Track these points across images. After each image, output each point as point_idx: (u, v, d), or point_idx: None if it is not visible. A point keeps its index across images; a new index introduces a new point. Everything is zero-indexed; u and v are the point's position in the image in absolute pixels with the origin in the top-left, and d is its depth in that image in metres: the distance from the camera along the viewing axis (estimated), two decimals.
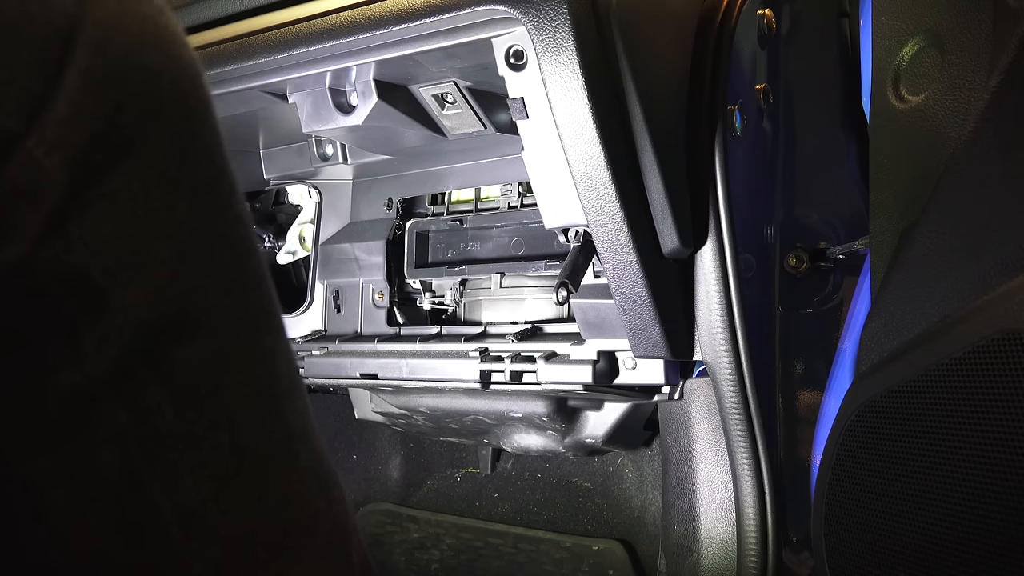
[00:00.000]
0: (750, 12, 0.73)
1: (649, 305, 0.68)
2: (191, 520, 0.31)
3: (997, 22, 0.56)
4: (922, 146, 0.61)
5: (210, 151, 0.32)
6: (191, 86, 0.31)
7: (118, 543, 0.30)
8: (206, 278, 0.31)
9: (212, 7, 0.77)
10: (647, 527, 1.18)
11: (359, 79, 0.73)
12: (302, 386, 0.36)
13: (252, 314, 0.33)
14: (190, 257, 0.30)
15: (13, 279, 0.26)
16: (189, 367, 0.31)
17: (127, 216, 0.28)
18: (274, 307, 0.35)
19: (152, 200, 0.29)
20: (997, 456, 0.47)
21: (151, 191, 0.29)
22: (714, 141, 0.69)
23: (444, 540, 1.30)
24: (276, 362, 0.35)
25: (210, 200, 0.31)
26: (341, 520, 0.38)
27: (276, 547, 0.34)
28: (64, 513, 0.30)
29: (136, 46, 0.28)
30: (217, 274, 0.32)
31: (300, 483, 0.35)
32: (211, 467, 0.32)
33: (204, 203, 0.31)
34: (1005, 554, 0.46)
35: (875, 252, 0.65)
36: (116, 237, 0.28)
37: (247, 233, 0.33)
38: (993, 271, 0.50)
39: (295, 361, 0.37)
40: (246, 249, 0.33)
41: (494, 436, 1.06)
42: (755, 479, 0.75)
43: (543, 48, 0.58)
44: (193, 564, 0.32)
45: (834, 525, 0.60)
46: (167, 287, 0.30)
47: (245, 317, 0.33)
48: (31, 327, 0.28)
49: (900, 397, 0.54)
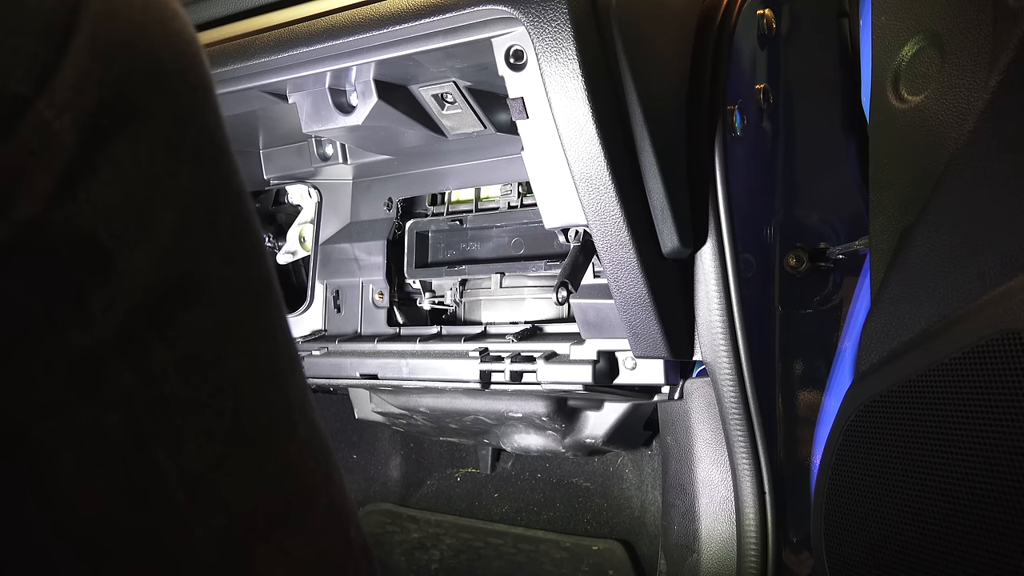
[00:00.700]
0: (750, 12, 0.73)
1: (649, 305, 0.68)
2: (196, 486, 0.32)
3: (997, 22, 0.56)
4: (922, 146, 0.61)
5: (211, 130, 0.33)
6: (192, 63, 0.32)
7: (124, 508, 0.31)
8: (208, 246, 0.32)
9: (212, 7, 0.77)
10: (647, 527, 1.18)
11: (359, 79, 0.73)
12: (300, 362, 0.37)
13: (253, 287, 0.34)
14: (193, 223, 0.31)
15: (25, 239, 0.27)
16: (193, 333, 0.31)
17: (133, 181, 0.29)
18: (274, 284, 0.36)
19: (156, 165, 0.30)
20: (997, 456, 0.47)
21: (155, 156, 0.30)
22: (714, 141, 0.69)
23: (444, 540, 1.30)
24: (276, 336, 0.36)
25: (212, 171, 0.33)
26: (339, 497, 0.38)
27: (277, 518, 0.35)
28: (73, 477, 0.30)
29: (139, 21, 0.30)
30: (219, 245, 0.33)
31: (299, 455, 0.36)
32: (214, 433, 0.32)
33: (206, 172, 0.32)
34: (1005, 554, 0.46)
35: (875, 252, 0.65)
36: (122, 201, 0.29)
37: (248, 209, 0.34)
38: (993, 271, 0.50)
39: (293, 339, 0.37)
40: (247, 224, 0.34)
41: (494, 436, 1.06)
42: (755, 479, 0.75)
43: (543, 48, 0.58)
44: (197, 531, 0.32)
45: (834, 525, 0.60)
46: (171, 251, 0.31)
47: (246, 289, 0.34)
48: (42, 288, 0.29)
49: (900, 397, 0.54)
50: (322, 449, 0.38)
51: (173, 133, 0.31)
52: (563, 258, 0.70)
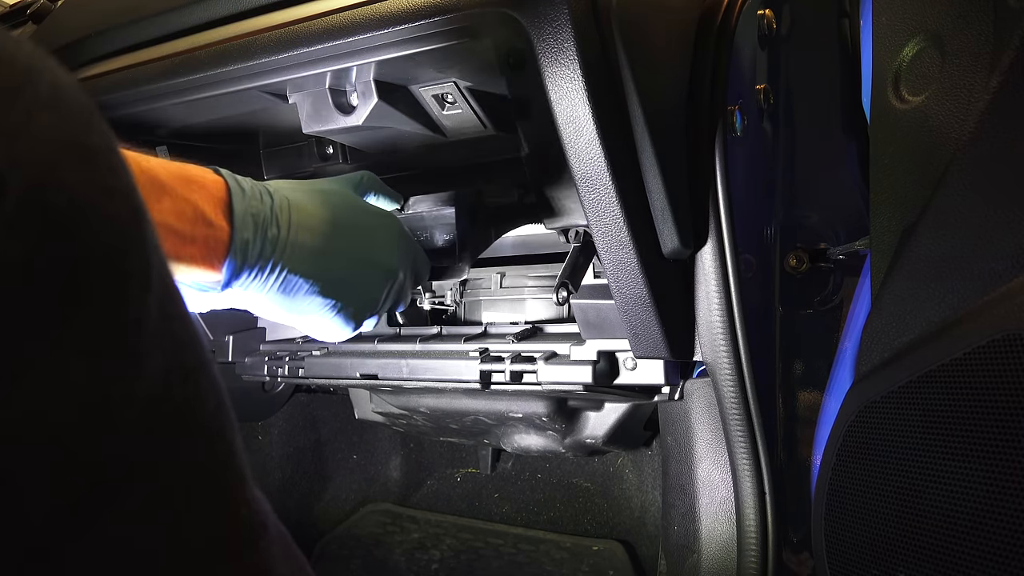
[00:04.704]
0: (750, 12, 0.73)
1: (649, 305, 0.68)
2: None
3: (997, 22, 0.56)
4: (923, 146, 0.61)
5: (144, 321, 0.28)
6: (126, 248, 0.27)
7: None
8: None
9: (212, 7, 0.76)
10: (647, 527, 1.18)
11: (359, 79, 0.73)
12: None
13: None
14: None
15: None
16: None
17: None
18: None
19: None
20: (997, 457, 0.47)
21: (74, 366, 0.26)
22: (714, 141, 0.69)
23: (444, 540, 1.30)
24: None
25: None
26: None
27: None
28: None
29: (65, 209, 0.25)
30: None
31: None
32: None
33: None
34: (1006, 555, 0.46)
35: (875, 252, 0.65)
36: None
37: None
38: (993, 271, 0.50)
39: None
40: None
41: (494, 436, 1.06)
42: (755, 479, 0.75)
43: (543, 48, 0.58)
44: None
45: (834, 525, 0.60)
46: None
47: None
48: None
49: (901, 398, 0.54)
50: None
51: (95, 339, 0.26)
52: (563, 258, 0.70)
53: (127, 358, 0.27)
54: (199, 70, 0.74)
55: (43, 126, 0.24)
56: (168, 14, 0.79)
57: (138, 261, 0.27)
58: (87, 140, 0.26)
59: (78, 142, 0.26)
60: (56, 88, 0.25)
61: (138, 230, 0.27)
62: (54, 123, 0.25)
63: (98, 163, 0.26)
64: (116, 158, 0.27)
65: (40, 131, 0.24)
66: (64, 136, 0.25)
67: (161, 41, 0.80)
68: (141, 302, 0.27)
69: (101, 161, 0.26)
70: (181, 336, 0.30)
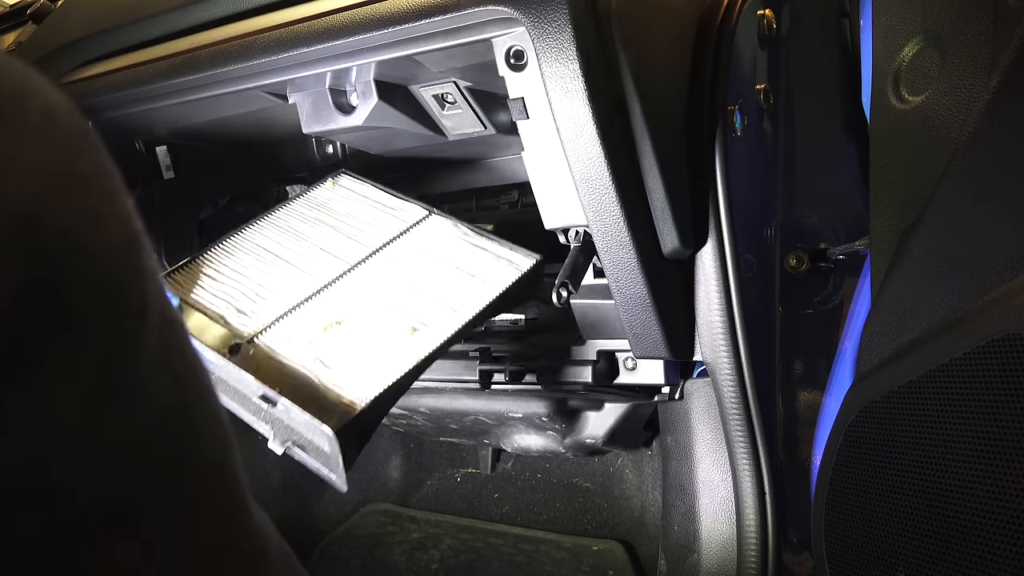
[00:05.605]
0: (750, 12, 0.73)
1: (649, 305, 0.68)
2: None
3: (997, 22, 0.56)
4: (923, 146, 0.61)
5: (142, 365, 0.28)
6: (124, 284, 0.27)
7: None
8: None
9: (212, 7, 0.77)
10: (647, 527, 1.18)
11: (359, 79, 0.73)
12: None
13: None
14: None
15: None
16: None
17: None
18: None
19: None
20: (997, 457, 0.47)
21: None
22: (714, 141, 0.69)
23: (444, 540, 1.30)
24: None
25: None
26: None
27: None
28: None
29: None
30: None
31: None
32: None
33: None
34: (1006, 555, 0.46)
35: (875, 252, 0.65)
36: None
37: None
38: (993, 271, 0.50)
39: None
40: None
41: (494, 436, 1.06)
42: (755, 479, 0.75)
43: (543, 48, 0.58)
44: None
45: (834, 525, 0.60)
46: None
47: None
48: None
49: (901, 398, 0.54)
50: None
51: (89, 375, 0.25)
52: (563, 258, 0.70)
53: (123, 393, 0.26)
54: (199, 70, 0.74)
55: (31, 156, 0.24)
56: (168, 14, 0.79)
57: (134, 293, 0.26)
58: (78, 167, 0.25)
59: (68, 170, 0.25)
60: (46, 114, 0.25)
61: (134, 260, 0.26)
62: (43, 152, 0.24)
63: (89, 191, 0.25)
64: (111, 183, 0.26)
65: (28, 161, 0.23)
66: (54, 165, 0.24)
67: (161, 41, 0.80)
68: (137, 334, 0.26)
69: (93, 188, 0.26)
70: (181, 367, 0.29)
